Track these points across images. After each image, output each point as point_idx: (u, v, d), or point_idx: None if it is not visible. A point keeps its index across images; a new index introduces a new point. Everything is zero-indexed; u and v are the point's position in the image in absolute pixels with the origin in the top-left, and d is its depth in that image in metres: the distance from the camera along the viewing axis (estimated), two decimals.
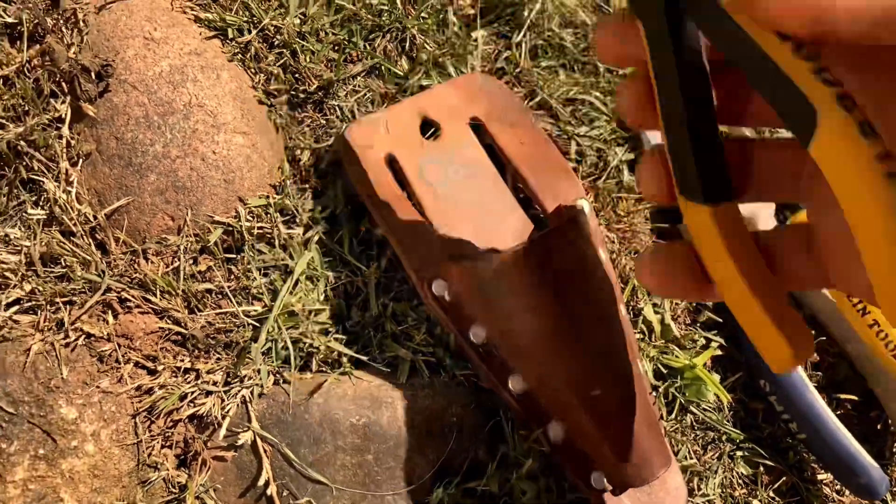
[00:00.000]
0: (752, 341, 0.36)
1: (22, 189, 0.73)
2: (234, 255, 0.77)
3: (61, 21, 0.75)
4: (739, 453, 0.83)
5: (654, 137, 0.91)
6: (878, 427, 0.87)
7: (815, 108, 0.28)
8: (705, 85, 0.35)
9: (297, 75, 0.85)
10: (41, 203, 0.73)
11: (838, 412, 0.86)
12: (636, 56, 0.37)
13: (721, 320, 0.87)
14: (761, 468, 0.83)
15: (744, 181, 0.40)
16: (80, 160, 0.74)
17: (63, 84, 0.74)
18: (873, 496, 0.78)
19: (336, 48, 0.88)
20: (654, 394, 0.83)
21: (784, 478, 0.83)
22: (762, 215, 0.87)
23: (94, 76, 0.73)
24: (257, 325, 0.75)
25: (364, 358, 0.76)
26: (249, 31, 0.83)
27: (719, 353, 0.85)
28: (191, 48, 0.78)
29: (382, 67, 0.89)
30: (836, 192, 0.28)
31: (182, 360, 0.72)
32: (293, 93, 0.85)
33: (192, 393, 0.72)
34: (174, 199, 0.74)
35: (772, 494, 0.82)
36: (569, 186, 0.86)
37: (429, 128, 0.87)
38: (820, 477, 0.84)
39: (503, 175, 0.87)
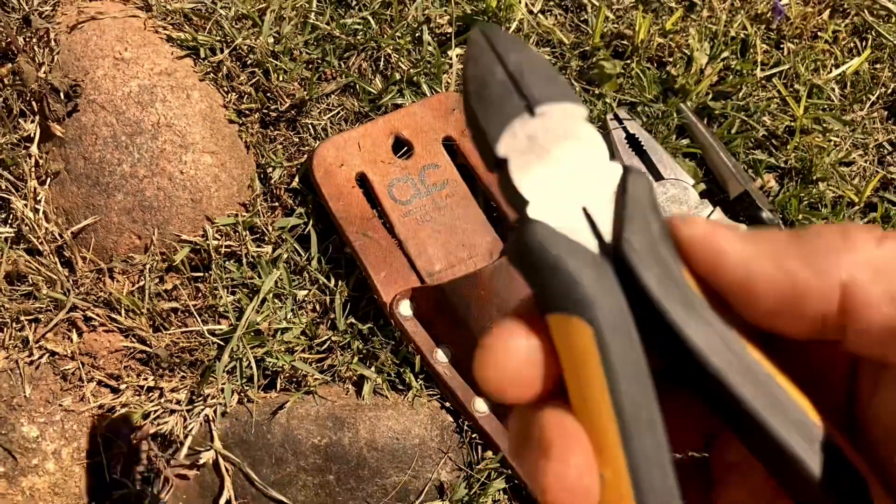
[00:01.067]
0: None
1: None
2: (201, 274, 0.78)
3: (33, 40, 0.76)
4: None
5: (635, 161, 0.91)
6: None
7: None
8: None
9: (269, 94, 0.85)
10: (9, 221, 0.73)
11: None
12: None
13: None
14: None
15: None
16: (49, 179, 0.74)
17: (32, 103, 0.74)
18: None
19: (310, 67, 0.88)
20: None
21: None
22: None
23: (63, 96, 0.74)
24: (222, 343, 0.75)
25: (329, 378, 0.77)
26: (222, 51, 0.84)
27: None
28: (161, 68, 0.79)
29: (356, 86, 0.89)
30: None
31: (146, 379, 0.73)
32: (265, 111, 0.86)
33: (156, 411, 0.72)
34: (141, 218, 0.75)
35: None
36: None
37: (402, 146, 0.87)
38: None
39: (475, 194, 0.87)
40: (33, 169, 0.74)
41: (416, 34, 0.93)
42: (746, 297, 0.25)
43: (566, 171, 0.25)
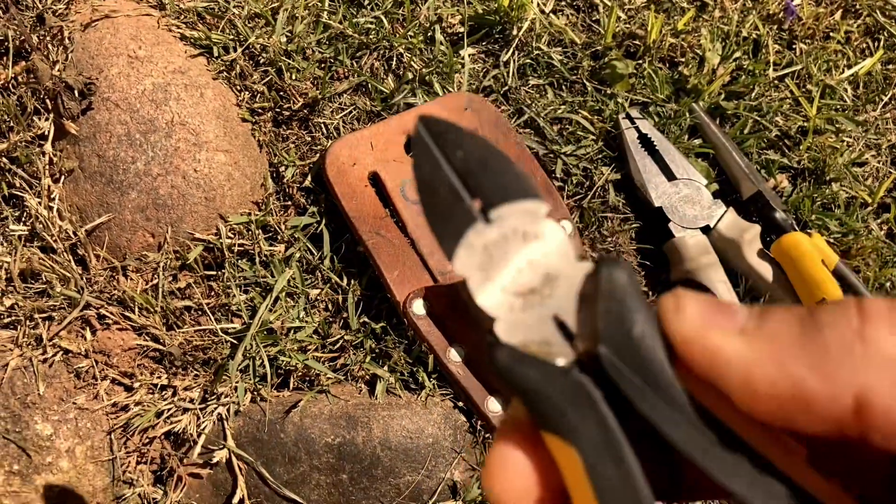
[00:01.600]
0: None
1: (4, 205, 0.74)
2: (214, 272, 0.77)
3: (47, 38, 0.76)
4: None
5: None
6: None
7: None
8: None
9: (282, 93, 0.85)
10: (23, 219, 0.73)
11: None
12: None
13: None
14: None
15: None
16: (63, 177, 0.74)
17: (47, 101, 0.74)
18: None
19: (322, 66, 0.88)
20: None
21: None
22: (746, 238, 0.86)
23: (77, 94, 0.74)
24: (235, 342, 0.75)
25: (342, 377, 0.76)
26: (235, 49, 0.84)
27: None
28: (175, 66, 0.79)
29: (369, 85, 0.89)
30: None
31: (159, 377, 0.73)
32: (278, 110, 0.85)
33: (169, 410, 0.72)
34: (155, 216, 0.75)
35: None
36: (553, 207, 0.86)
37: None
38: None
39: None
40: (47, 167, 0.74)
41: (429, 33, 0.93)
42: (748, 399, 0.22)
43: (530, 279, 0.23)
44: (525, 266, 0.23)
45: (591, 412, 0.22)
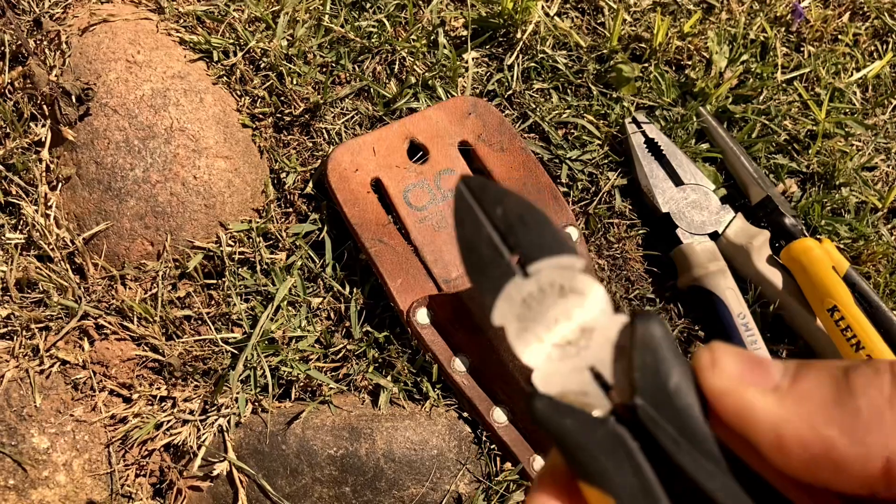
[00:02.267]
0: None
1: (0, 213, 0.72)
2: (214, 281, 0.76)
3: (44, 43, 0.75)
4: None
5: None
6: None
7: None
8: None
9: (283, 98, 0.84)
10: (19, 227, 0.72)
11: None
12: None
13: None
14: None
15: None
16: (60, 184, 0.73)
17: (43, 107, 0.73)
18: None
19: (324, 70, 0.87)
20: None
21: None
22: (755, 244, 0.85)
23: (74, 99, 0.72)
24: (236, 352, 0.74)
25: (344, 387, 0.75)
26: (235, 54, 0.83)
27: None
28: (174, 71, 0.77)
29: (371, 90, 0.88)
30: None
31: (158, 388, 0.71)
32: (279, 116, 0.84)
33: (168, 422, 0.71)
34: (154, 224, 0.73)
35: None
36: (558, 212, 0.84)
37: (417, 151, 0.86)
38: None
39: None
40: (44, 174, 0.72)
41: (432, 37, 0.92)
42: (778, 456, 0.23)
43: (568, 331, 0.24)
44: (562, 318, 0.23)
45: (628, 462, 0.23)
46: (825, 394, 0.22)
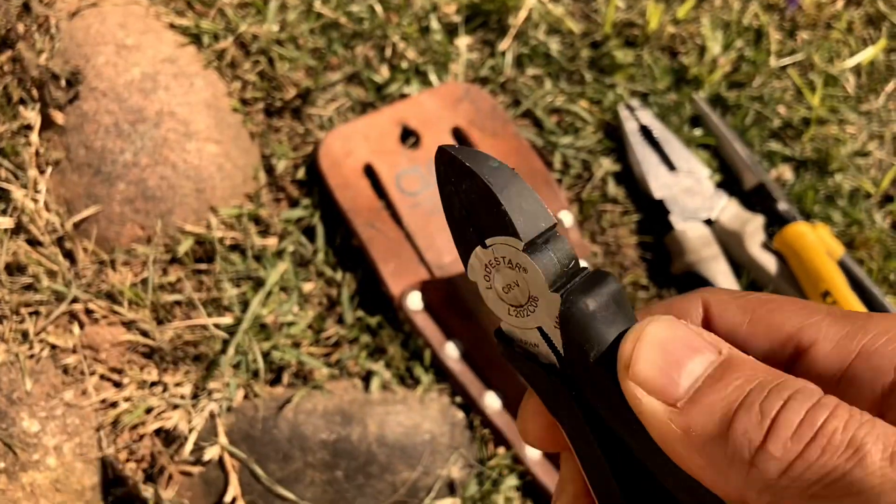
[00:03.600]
0: None
1: None
2: (205, 266, 0.76)
3: (33, 27, 0.74)
4: None
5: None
6: None
7: None
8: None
9: (274, 83, 0.84)
10: (8, 211, 0.72)
11: None
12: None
13: None
14: None
15: None
16: (49, 168, 0.73)
17: (33, 91, 0.72)
18: None
19: (315, 55, 0.86)
20: None
21: None
22: (749, 229, 0.85)
23: (63, 83, 0.72)
24: (227, 337, 0.73)
25: (336, 372, 0.75)
26: (225, 38, 0.82)
27: None
28: (164, 55, 0.77)
29: (362, 75, 0.87)
30: None
31: (149, 373, 0.71)
32: (270, 101, 0.84)
33: (159, 406, 0.70)
34: (144, 208, 0.73)
35: None
36: (550, 198, 0.84)
37: (409, 137, 0.85)
38: None
39: None
40: (33, 158, 0.72)
41: (424, 22, 0.92)
42: (669, 454, 0.25)
43: (519, 296, 0.28)
44: (513, 285, 0.28)
45: (567, 406, 0.28)
46: (708, 429, 0.23)
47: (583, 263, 0.29)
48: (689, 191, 0.88)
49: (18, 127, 0.72)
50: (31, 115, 0.72)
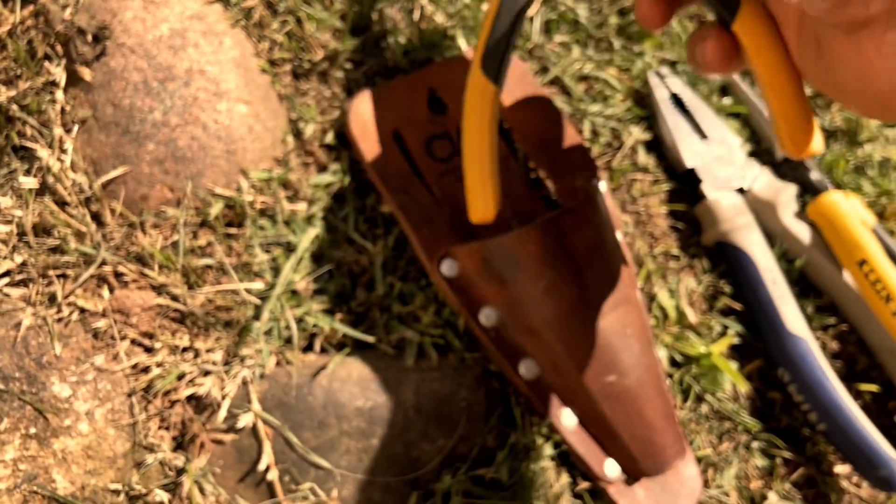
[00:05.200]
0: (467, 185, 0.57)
1: (13, 156, 0.70)
2: (235, 230, 0.74)
3: None
4: (756, 444, 0.80)
5: (672, 124, 0.88)
6: None
7: None
8: None
9: (302, 44, 0.81)
10: (33, 171, 0.69)
11: (858, 403, 0.83)
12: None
13: (739, 307, 0.84)
14: (778, 459, 0.80)
15: None
16: (75, 126, 0.70)
17: (58, 46, 0.70)
18: (893, 489, 0.75)
19: (343, 17, 0.84)
20: (668, 382, 0.80)
21: (800, 469, 0.81)
22: (782, 199, 0.84)
23: (90, 38, 0.69)
24: (259, 303, 0.71)
25: (370, 339, 0.73)
26: None
27: (736, 341, 0.82)
28: (192, 12, 0.74)
29: (390, 38, 0.85)
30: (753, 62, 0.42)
31: (180, 338, 0.69)
32: (297, 62, 0.81)
33: (191, 372, 0.69)
34: (173, 169, 0.71)
35: (788, 486, 0.80)
36: (584, 167, 0.83)
37: (437, 102, 0.83)
38: (837, 469, 0.82)
39: (514, 153, 0.84)
40: (59, 116, 0.69)
41: None
42: None
43: None
44: None
45: None
46: None
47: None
48: (720, 160, 0.87)
49: (43, 83, 0.69)
50: (57, 72, 0.69)
